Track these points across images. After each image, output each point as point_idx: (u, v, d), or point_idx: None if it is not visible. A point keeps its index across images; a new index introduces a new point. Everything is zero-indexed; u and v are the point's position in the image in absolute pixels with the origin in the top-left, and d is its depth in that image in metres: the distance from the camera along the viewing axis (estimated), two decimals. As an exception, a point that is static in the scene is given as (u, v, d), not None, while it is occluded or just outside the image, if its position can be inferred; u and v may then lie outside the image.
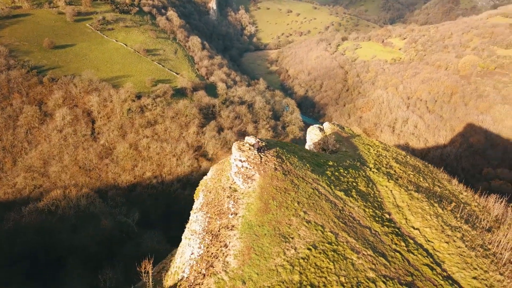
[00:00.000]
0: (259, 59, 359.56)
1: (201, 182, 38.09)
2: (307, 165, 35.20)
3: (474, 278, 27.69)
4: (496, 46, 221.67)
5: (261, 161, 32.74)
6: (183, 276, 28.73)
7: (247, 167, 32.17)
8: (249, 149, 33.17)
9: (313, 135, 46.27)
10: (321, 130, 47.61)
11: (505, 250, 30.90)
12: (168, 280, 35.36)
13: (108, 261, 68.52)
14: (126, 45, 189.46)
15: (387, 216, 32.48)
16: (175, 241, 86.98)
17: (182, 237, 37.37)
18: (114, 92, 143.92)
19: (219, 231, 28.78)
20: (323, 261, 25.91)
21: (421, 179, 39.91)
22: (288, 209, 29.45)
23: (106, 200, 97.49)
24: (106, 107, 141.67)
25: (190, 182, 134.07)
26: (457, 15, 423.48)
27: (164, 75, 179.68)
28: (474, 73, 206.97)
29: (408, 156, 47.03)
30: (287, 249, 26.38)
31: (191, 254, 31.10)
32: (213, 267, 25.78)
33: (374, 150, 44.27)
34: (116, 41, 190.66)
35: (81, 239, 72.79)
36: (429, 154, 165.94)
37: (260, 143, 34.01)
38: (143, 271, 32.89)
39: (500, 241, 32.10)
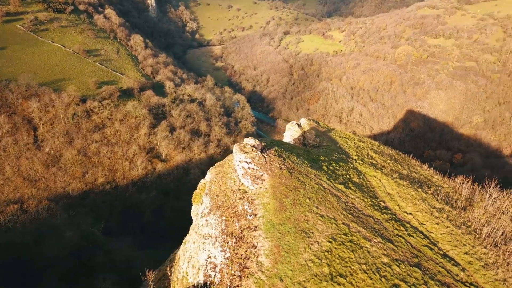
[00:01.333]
0: (203, 56, 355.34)
1: (200, 186, 37.62)
2: (305, 161, 36.29)
3: (466, 253, 30.60)
4: (427, 36, 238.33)
5: (265, 161, 33.18)
6: (214, 281, 28.46)
7: (254, 168, 32.47)
8: (252, 150, 33.45)
9: (292, 132, 47.39)
10: (299, 126, 48.90)
11: (483, 225, 34.37)
12: (176, 287, 34.75)
13: (85, 273, 65.40)
14: (63, 46, 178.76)
15: (383, 204, 34.61)
16: (150, 247, 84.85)
17: (188, 241, 36.65)
18: (56, 97, 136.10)
19: (241, 232, 28.94)
20: (344, 251, 27.22)
21: (400, 167, 42.76)
22: (302, 206, 30.36)
23: (67, 211, 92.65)
24: (48, 113, 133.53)
25: (146, 185, 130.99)
26: (389, 7, 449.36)
27: (108, 76, 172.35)
28: (409, 62, 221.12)
29: (381, 146, 49.95)
30: (311, 244, 27.32)
31: (208, 257, 30.88)
32: (248, 268, 26.03)
33: (352, 143, 46.52)
34: (53, 42, 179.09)
35: (48, 253, 68.58)
36: (376, 141, 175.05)
37: (261, 143, 34.43)
38: (149, 279, 31.93)
39: (475, 218, 35.62)
